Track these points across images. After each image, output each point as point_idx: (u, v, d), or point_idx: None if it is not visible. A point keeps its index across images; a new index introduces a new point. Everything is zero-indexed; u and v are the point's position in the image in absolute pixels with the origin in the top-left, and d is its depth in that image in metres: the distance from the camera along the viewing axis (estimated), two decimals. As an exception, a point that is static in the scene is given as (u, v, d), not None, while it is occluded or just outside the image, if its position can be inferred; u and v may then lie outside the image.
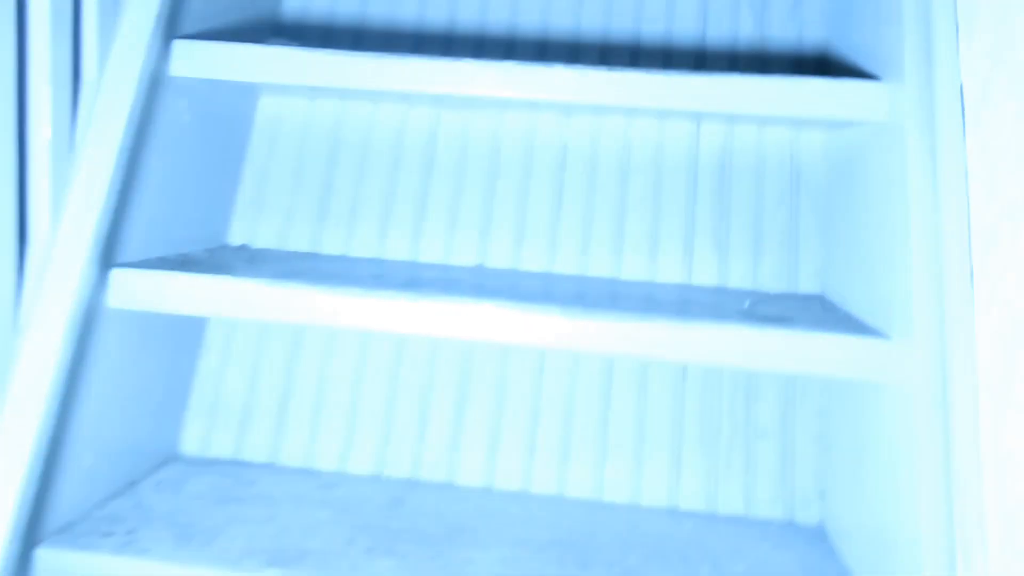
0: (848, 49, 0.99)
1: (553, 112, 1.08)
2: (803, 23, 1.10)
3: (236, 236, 1.09)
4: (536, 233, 1.06)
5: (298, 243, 1.08)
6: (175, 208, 0.95)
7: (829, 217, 1.00)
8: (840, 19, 1.03)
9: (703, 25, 1.11)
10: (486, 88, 0.89)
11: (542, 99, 0.89)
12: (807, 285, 1.01)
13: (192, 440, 1.02)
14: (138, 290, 0.81)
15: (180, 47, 0.90)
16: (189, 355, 1.03)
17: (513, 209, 1.07)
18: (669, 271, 1.03)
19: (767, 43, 1.10)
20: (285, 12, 1.18)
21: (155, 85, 0.87)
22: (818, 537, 0.93)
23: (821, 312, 0.88)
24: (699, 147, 1.06)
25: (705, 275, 1.03)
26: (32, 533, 0.74)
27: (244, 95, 1.09)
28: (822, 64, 1.07)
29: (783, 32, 1.10)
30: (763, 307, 0.88)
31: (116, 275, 0.81)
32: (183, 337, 1.00)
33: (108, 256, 0.81)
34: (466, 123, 1.10)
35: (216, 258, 0.95)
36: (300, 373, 1.04)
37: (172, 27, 0.90)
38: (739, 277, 1.02)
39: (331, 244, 1.08)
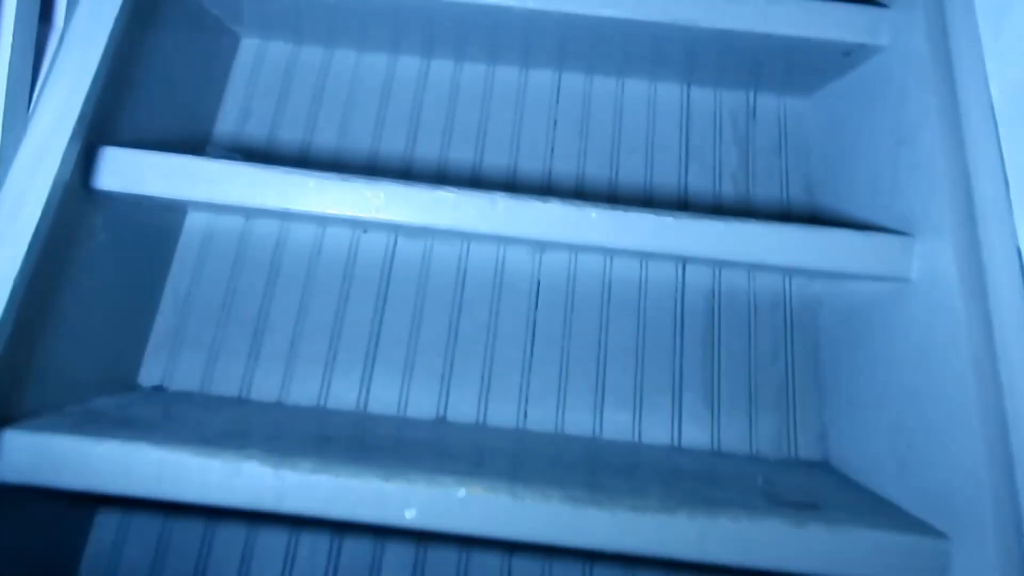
0: (846, 203, 0.91)
1: (525, 246, 0.97)
2: (790, 173, 1.03)
3: (150, 373, 0.92)
4: (505, 382, 0.93)
5: (224, 385, 0.92)
6: (81, 346, 0.78)
7: (832, 375, 0.91)
8: (835, 171, 0.96)
9: (684, 176, 1.02)
10: (454, 218, 0.77)
11: (516, 235, 0.77)
12: (808, 450, 0.91)
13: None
14: (24, 457, 0.63)
15: (107, 156, 0.75)
16: (76, 531, 0.84)
17: (479, 353, 0.94)
18: (656, 431, 0.91)
19: (752, 195, 1.02)
20: (219, 135, 1.03)
21: (68, 199, 0.72)
22: None
23: (844, 492, 0.77)
24: (684, 291, 0.97)
25: (696, 436, 0.91)
26: None
27: (170, 209, 0.94)
28: (813, 217, 1.00)
29: (768, 185, 1.02)
30: (780, 485, 0.76)
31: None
32: (72, 511, 0.81)
33: (-11, 413, 0.64)
34: (427, 253, 0.98)
35: (126, 411, 0.77)
36: (214, 560, 0.86)
37: (94, 133, 0.75)
38: (733, 439, 0.91)
39: (264, 388, 0.92)
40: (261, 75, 1.06)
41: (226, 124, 1.03)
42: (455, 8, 0.89)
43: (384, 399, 0.91)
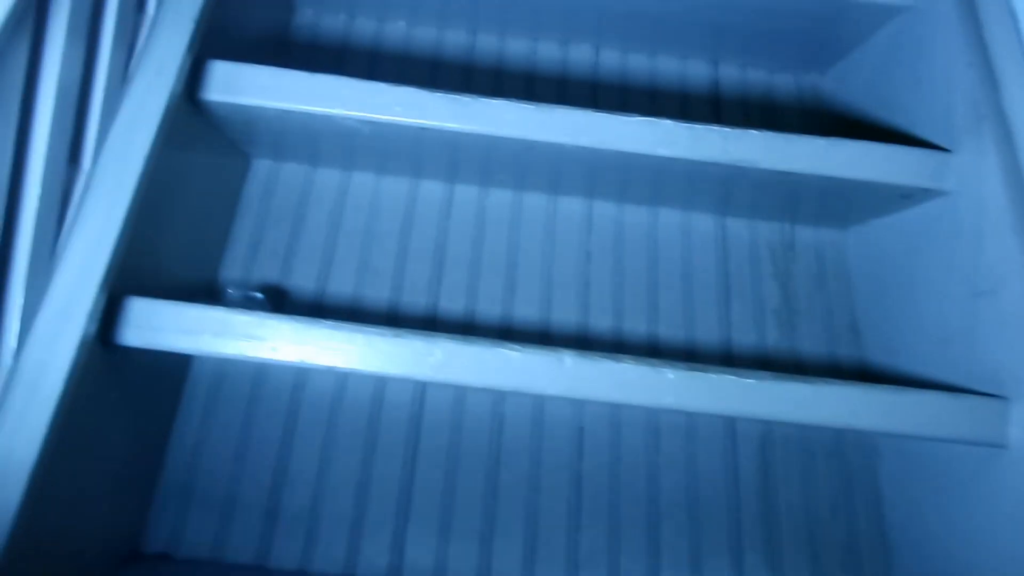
0: (903, 353, 0.88)
1: (564, 402, 0.90)
2: (835, 312, 0.99)
3: (155, 537, 0.82)
4: (551, 542, 0.85)
5: (238, 550, 0.82)
6: (86, 517, 0.69)
7: (899, 533, 0.85)
8: (884, 315, 0.93)
9: (726, 313, 0.97)
10: (519, 380, 0.70)
11: (586, 397, 0.71)
12: (879, 616, 0.84)
13: None
14: None
15: (131, 308, 0.67)
16: None
17: (521, 510, 0.86)
18: (717, 597, 0.84)
19: (797, 335, 0.97)
20: (231, 263, 0.95)
21: (89, 358, 0.64)
22: None
23: None
24: (736, 439, 0.91)
25: (760, 602, 0.84)
26: None
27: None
28: (863, 363, 0.95)
29: (812, 324, 0.98)
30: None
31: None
32: None
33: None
34: (459, 399, 0.90)
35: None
36: None
37: (118, 283, 0.67)
38: (800, 605, 0.84)
39: (284, 553, 0.82)
40: (274, 199, 0.99)
41: (238, 251, 0.96)
42: (486, 142, 0.83)
43: (419, 564, 0.83)
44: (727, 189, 0.95)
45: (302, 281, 0.95)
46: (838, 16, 0.98)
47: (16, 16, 0.49)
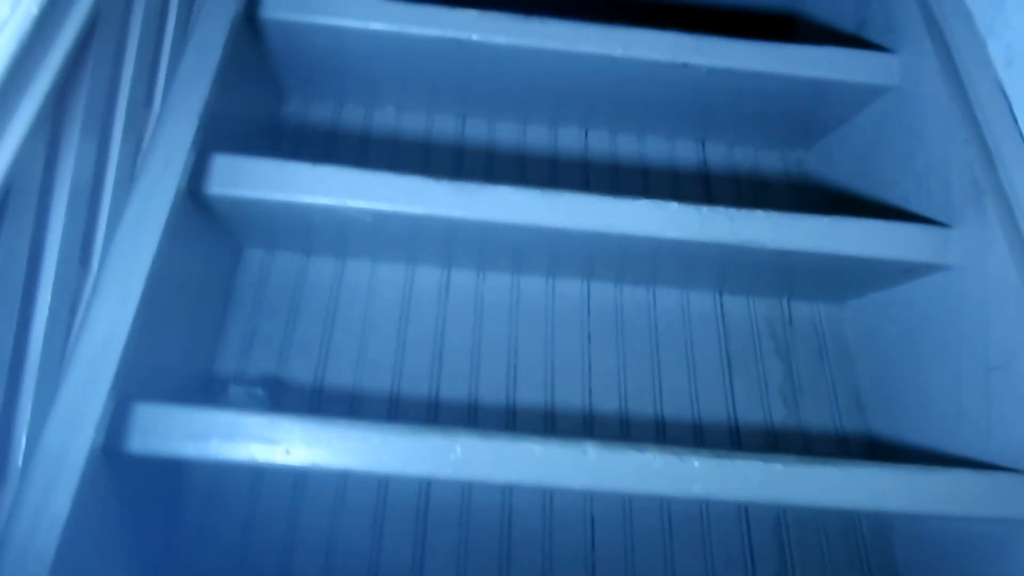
0: (912, 429, 0.87)
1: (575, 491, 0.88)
2: (838, 387, 0.99)
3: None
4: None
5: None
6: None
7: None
8: (889, 391, 0.93)
9: (730, 392, 0.97)
10: (540, 474, 0.68)
11: (610, 490, 0.69)
12: None
13: None
14: None
15: (139, 414, 0.64)
16: None
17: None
18: None
19: (803, 412, 0.96)
20: (225, 356, 0.92)
21: (95, 467, 0.60)
22: None
23: None
24: (750, 521, 0.89)
25: None
26: None
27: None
28: (874, 448, 0.95)
29: (817, 400, 0.97)
30: None
31: None
32: None
33: None
34: (465, 492, 0.87)
35: None
36: None
37: (125, 386, 0.64)
38: None
39: (290, 666, 0.78)
40: (268, 289, 0.97)
41: (233, 344, 0.93)
42: (491, 228, 0.83)
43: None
44: (726, 267, 0.95)
45: (299, 372, 0.92)
46: (821, 96, 1.01)
47: (39, 119, 0.47)
